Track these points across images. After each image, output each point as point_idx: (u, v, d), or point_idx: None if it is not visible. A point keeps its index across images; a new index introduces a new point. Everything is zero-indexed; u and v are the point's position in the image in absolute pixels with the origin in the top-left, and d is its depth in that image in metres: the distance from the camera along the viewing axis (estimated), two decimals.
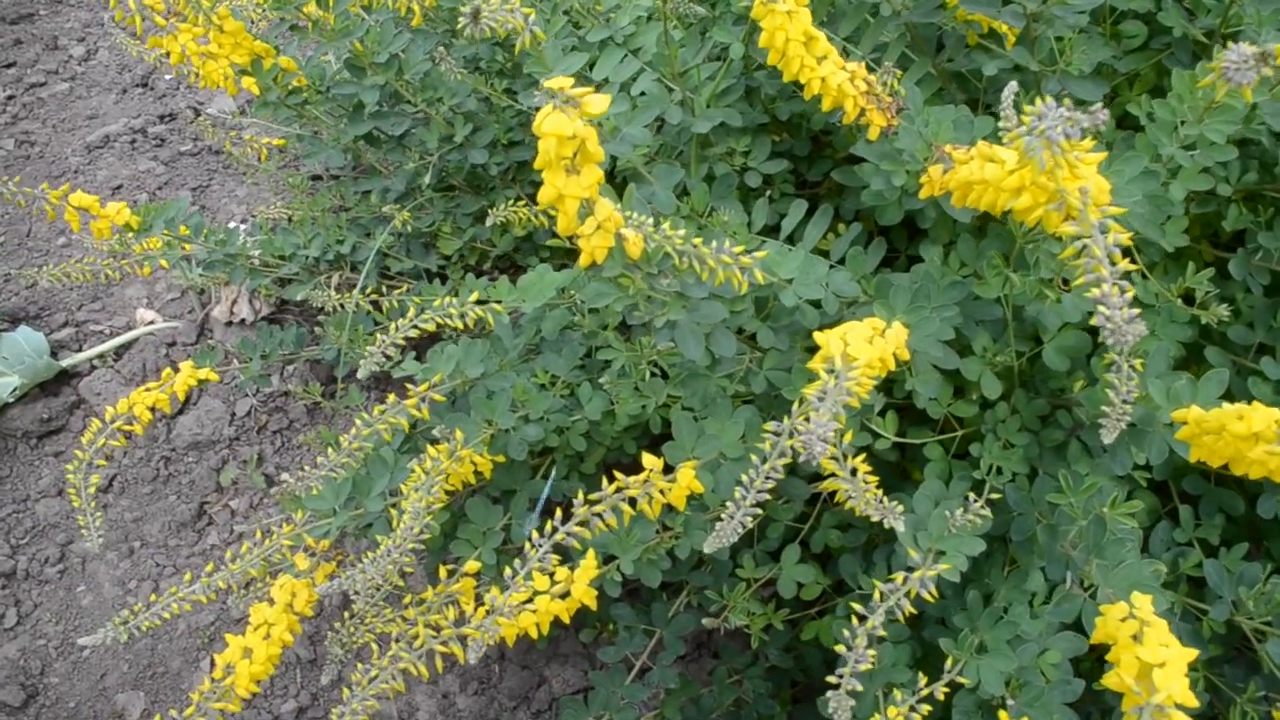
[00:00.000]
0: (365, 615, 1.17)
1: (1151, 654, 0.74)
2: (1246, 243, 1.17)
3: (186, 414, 1.80)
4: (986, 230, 1.16)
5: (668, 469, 1.02)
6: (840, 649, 0.81)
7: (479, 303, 1.20)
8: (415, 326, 1.15)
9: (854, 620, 0.82)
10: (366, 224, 1.68)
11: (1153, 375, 0.98)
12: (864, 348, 0.87)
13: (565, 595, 1.06)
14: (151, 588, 1.59)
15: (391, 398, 1.15)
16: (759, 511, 0.84)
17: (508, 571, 0.88)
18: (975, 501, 1.01)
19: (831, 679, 0.80)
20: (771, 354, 1.14)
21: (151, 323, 1.97)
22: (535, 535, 0.88)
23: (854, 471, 0.98)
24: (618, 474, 0.95)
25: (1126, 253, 0.77)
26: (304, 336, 1.63)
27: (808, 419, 0.77)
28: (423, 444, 1.28)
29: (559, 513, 0.90)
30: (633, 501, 0.97)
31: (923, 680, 0.93)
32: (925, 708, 0.91)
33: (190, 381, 1.39)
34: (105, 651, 1.53)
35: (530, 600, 1.04)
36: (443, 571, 1.16)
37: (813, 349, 0.89)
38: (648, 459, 1.01)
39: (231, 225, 1.85)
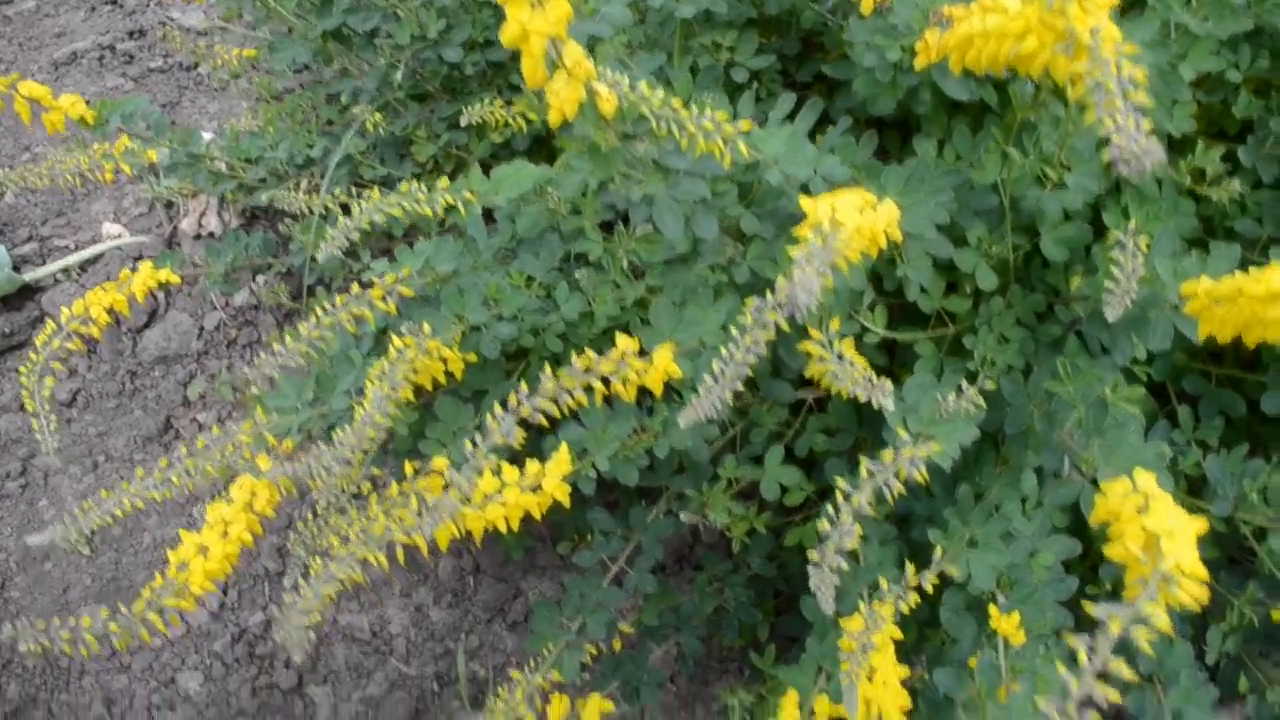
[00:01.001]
0: (329, 516, 1.12)
1: (1158, 523, 0.69)
2: (1256, 130, 1.11)
3: (153, 328, 1.74)
4: (983, 123, 1.10)
5: (644, 353, 0.97)
6: (824, 525, 0.76)
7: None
8: (381, 211, 1.09)
9: (839, 496, 0.77)
10: (339, 133, 1.61)
11: (1160, 255, 0.92)
12: (853, 215, 0.81)
13: (537, 489, 1.01)
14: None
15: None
16: (739, 387, 0.79)
17: (467, 446, 0.83)
18: (969, 389, 0.96)
19: (813, 555, 0.75)
20: (756, 242, 1.08)
21: (118, 236, 1.90)
22: (498, 409, 0.83)
23: (840, 356, 0.93)
24: (589, 351, 0.90)
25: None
26: (271, 243, 1.57)
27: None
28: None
29: (524, 386, 0.84)
30: (606, 383, 0.92)
31: (910, 571, 0.89)
32: (913, 597, 0.87)
33: (149, 283, 1.33)
34: (68, 565, 1.48)
35: (500, 492, 0.99)
36: (409, 468, 1.11)
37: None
38: (622, 340, 0.96)
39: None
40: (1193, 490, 1.06)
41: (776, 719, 0.95)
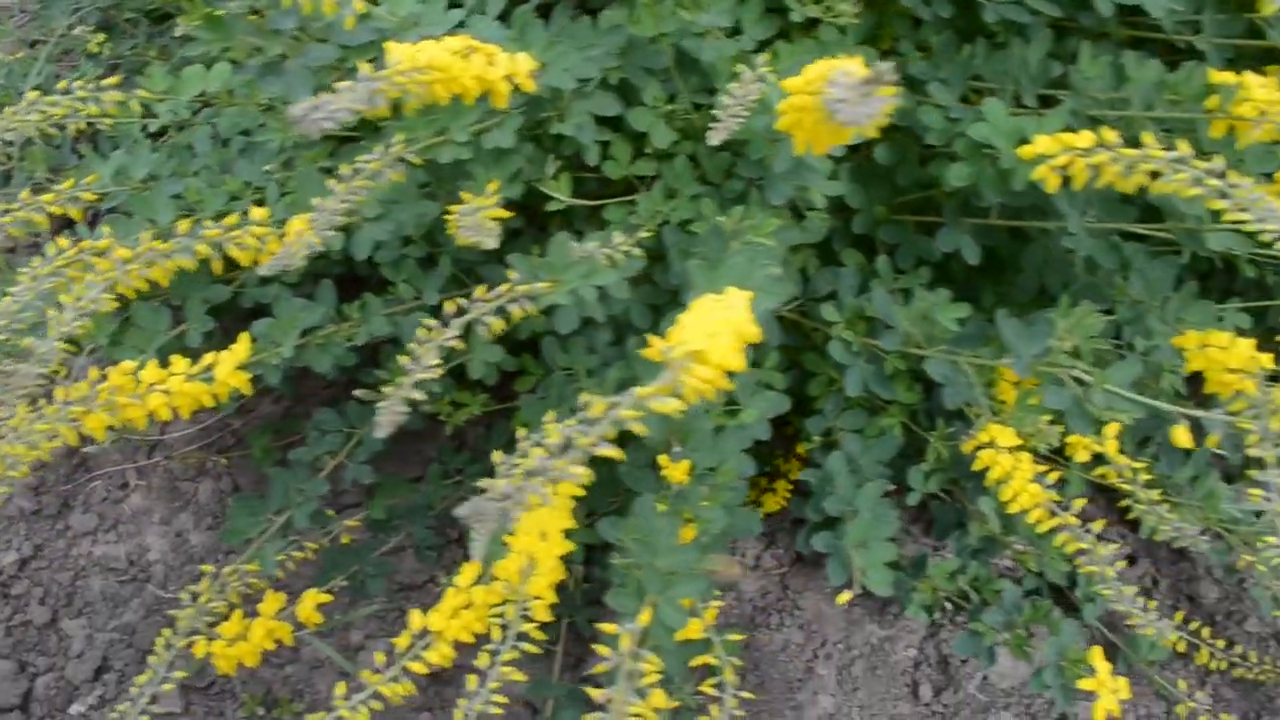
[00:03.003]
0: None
1: (706, 322, 0.69)
2: None
3: None
4: None
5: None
6: (404, 359, 0.76)
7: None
8: (39, 111, 1.05)
9: (422, 332, 0.77)
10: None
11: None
12: (442, 56, 0.80)
13: (209, 379, 1.00)
14: None
15: None
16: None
17: None
18: (619, 240, 0.96)
19: (387, 389, 0.75)
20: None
21: None
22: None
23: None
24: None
25: None
26: None
27: None
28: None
29: None
30: None
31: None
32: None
33: None
34: None
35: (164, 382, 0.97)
36: (94, 373, 1.09)
37: None
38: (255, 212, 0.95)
39: None
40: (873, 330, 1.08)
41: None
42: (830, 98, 0.61)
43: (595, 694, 0.80)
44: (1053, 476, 1.01)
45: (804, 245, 1.20)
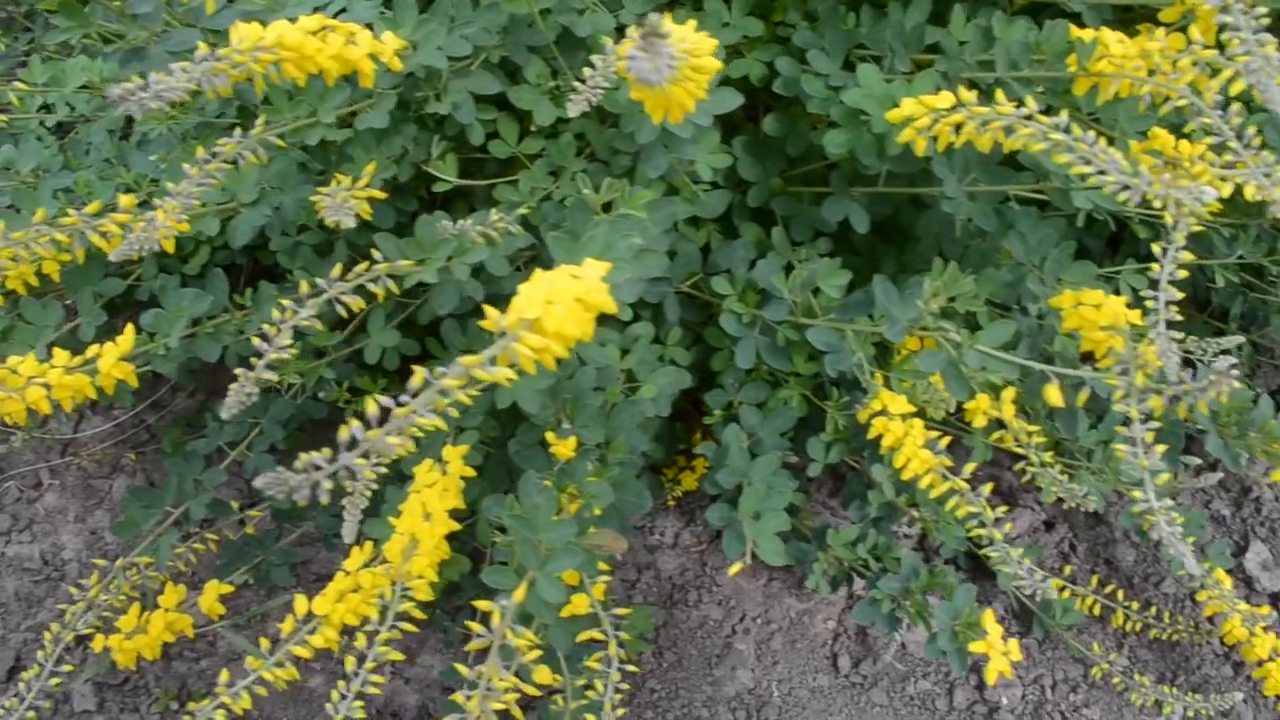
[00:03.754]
0: None
1: (543, 290, 0.69)
2: None
3: None
4: None
5: None
6: (256, 340, 0.75)
7: None
8: None
9: (275, 313, 0.76)
10: None
11: None
12: (292, 33, 0.79)
13: (93, 371, 0.99)
14: None
15: None
16: None
17: None
18: (493, 217, 0.96)
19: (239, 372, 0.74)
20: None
21: None
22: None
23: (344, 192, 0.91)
24: None
25: None
26: None
27: None
28: None
29: None
30: None
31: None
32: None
33: None
34: None
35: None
36: None
37: None
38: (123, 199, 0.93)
39: None
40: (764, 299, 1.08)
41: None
42: (629, 57, 0.60)
43: (464, 671, 0.80)
44: (944, 442, 1.01)
45: (706, 220, 1.20)
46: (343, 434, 0.59)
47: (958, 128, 0.84)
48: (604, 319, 1.18)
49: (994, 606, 1.33)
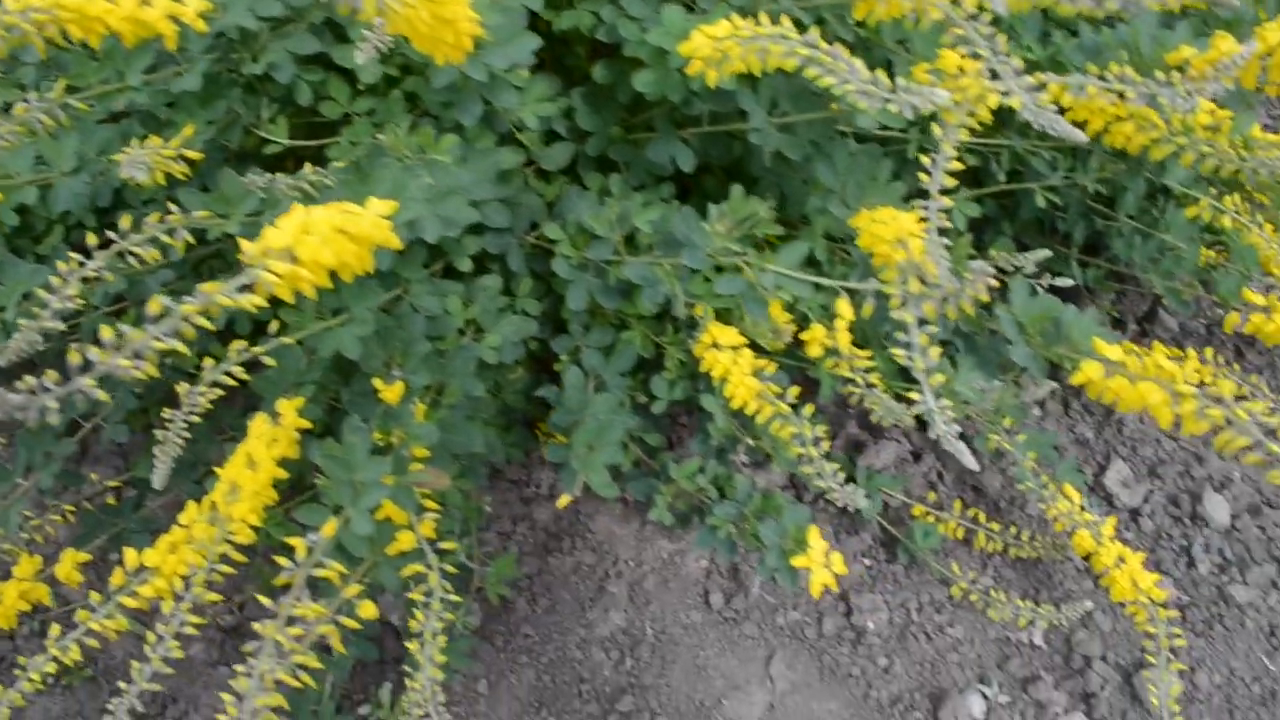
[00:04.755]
0: None
1: (300, 227, 0.71)
2: None
3: None
4: None
5: None
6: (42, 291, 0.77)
7: None
8: None
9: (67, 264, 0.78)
10: None
11: None
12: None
13: None
14: None
15: None
16: None
17: None
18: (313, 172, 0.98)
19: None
20: None
21: None
22: None
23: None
24: None
25: None
26: None
27: None
28: None
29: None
30: None
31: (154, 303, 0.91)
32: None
33: None
34: None
35: None
36: None
37: None
38: None
39: None
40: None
41: None
42: None
43: (266, 601, 0.82)
44: (770, 369, 1.04)
45: (557, 174, 1.22)
46: (74, 358, 0.61)
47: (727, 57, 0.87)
48: (450, 272, 1.21)
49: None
